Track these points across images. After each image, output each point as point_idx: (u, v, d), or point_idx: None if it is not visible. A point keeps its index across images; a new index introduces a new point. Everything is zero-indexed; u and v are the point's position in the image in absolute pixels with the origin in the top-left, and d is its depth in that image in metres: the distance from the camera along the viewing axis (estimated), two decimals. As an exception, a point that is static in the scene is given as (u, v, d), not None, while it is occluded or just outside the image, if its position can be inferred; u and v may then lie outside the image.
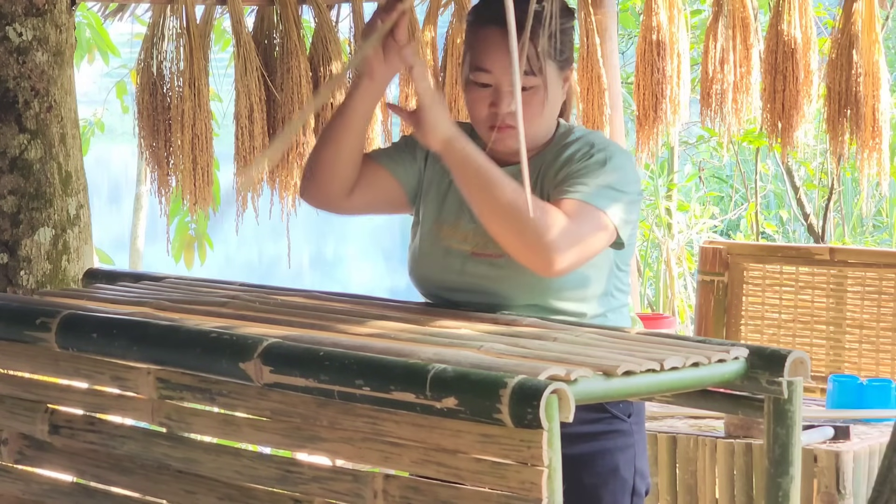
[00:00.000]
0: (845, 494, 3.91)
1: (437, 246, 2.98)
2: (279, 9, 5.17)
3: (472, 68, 2.92)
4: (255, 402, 2.37)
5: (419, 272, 3.03)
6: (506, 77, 2.87)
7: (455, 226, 2.98)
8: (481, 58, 2.90)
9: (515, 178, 2.90)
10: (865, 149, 5.08)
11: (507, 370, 2.15)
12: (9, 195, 4.01)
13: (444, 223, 3.00)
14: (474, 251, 2.94)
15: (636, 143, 5.37)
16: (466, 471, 2.13)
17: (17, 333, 2.67)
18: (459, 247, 2.96)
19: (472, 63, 2.92)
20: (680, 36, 5.31)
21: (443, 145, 2.79)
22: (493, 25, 2.88)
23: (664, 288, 8.19)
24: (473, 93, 2.93)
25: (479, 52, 2.90)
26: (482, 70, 2.90)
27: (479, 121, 2.93)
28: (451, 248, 2.97)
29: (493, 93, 2.89)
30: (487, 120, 2.91)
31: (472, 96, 2.93)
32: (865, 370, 4.75)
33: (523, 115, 2.86)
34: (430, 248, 3.00)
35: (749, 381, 2.48)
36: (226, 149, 5.27)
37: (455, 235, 2.98)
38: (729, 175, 10.69)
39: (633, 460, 2.96)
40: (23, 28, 4.00)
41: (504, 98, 2.88)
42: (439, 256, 2.98)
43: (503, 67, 2.87)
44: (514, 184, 2.76)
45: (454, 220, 2.98)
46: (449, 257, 2.96)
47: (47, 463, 2.71)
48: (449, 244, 2.98)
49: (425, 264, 3.01)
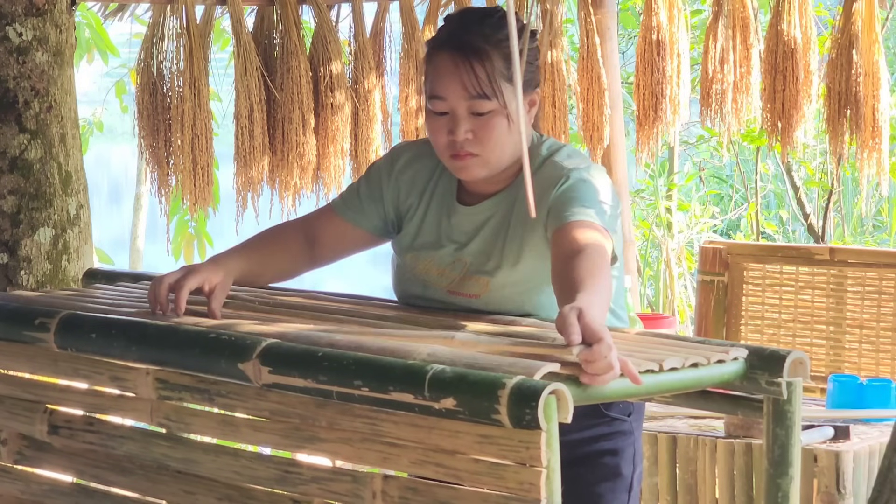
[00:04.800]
0: (845, 494, 3.91)
1: (416, 277, 2.96)
2: (279, 9, 5.17)
3: (428, 97, 2.87)
4: (254, 402, 2.37)
5: (402, 296, 3.02)
6: (460, 102, 2.82)
7: (432, 257, 2.95)
8: (435, 85, 2.85)
9: (492, 210, 2.89)
10: (865, 149, 5.08)
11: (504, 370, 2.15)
12: (9, 195, 4.01)
13: (422, 252, 2.96)
14: (450, 289, 2.92)
15: (636, 143, 5.37)
16: (465, 471, 2.13)
17: (16, 333, 2.67)
18: (436, 283, 2.93)
19: (428, 92, 2.87)
20: (680, 36, 5.31)
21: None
22: (444, 51, 2.84)
23: (664, 288, 8.19)
24: (432, 122, 2.86)
25: (434, 80, 2.85)
26: (437, 98, 2.84)
27: (441, 150, 2.87)
28: (428, 283, 2.94)
29: (449, 120, 2.84)
30: (448, 148, 2.85)
31: (431, 126, 2.87)
32: (865, 370, 4.75)
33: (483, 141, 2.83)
34: (410, 278, 2.98)
35: (748, 382, 2.48)
36: (226, 149, 5.27)
37: (432, 270, 2.95)
38: (729, 175, 10.70)
39: (633, 458, 2.96)
40: (23, 28, 4.00)
41: (460, 125, 2.82)
42: (419, 287, 2.96)
43: (456, 93, 2.82)
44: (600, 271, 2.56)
45: (431, 249, 2.95)
46: (428, 290, 2.94)
47: (46, 463, 2.71)
48: (426, 278, 2.95)
49: (406, 290, 3.00)
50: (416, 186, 2.99)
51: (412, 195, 2.99)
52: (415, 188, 2.99)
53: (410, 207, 2.99)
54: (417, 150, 3.04)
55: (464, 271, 2.90)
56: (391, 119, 5.48)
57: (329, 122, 5.23)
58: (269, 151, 5.16)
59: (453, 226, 2.94)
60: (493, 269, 2.87)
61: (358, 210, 3.03)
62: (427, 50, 2.92)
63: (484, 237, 2.90)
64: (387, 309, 2.87)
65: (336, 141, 5.25)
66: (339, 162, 5.28)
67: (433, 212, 2.97)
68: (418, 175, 3.00)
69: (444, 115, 2.84)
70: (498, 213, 2.90)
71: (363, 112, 5.30)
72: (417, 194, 2.99)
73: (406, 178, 3.00)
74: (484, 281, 2.88)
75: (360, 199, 3.03)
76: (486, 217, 2.91)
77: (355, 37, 5.32)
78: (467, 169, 2.86)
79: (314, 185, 5.26)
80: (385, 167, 3.03)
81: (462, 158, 2.84)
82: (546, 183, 2.83)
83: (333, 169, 5.27)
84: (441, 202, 2.97)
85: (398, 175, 3.01)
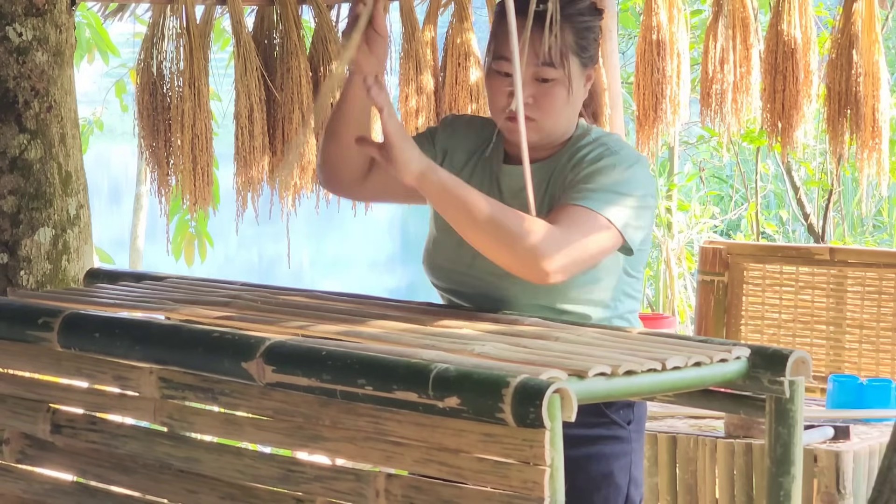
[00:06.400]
0: (845, 494, 3.91)
1: (451, 237, 2.95)
2: (279, 9, 5.17)
3: (494, 57, 2.92)
4: (258, 401, 2.37)
5: (431, 261, 3.03)
6: (528, 67, 2.86)
7: None
8: (504, 46, 2.87)
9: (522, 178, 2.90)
10: (865, 149, 5.08)
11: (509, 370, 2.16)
12: (9, 195, 4.01)
13: None
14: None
15: (636, 143, 5.37)
16: (468, 470, 2.13)
17: (19, 333, 2.67)
18: (468, 247, 2.95)
19: (494, 52, 2.93)
20: (680, 36, 5.31)
21: (417, 179, 2.73)
22: (519, 16, 2.84)
23: (664, 288, 8.19)
24: (494, 81, 2.92)
25: (503, 41, 2.88)
26: (504, 59, 2.89)
27: (498, 110, 2.93)
28: (462, 241, 2.96)
29: (512, 82, 2.85)
30: (506, 109, 2.89)
31: (492, 85, 2.93)
32: (865, 370, 4.75)
33: (543, 107, 2.88)
34: (443, 238, 3.00)
35: (751, 381, 2.48)
36: (225, 149, 5.27)
37: None
38: (729, 175, 10.70)
39: (629, 468, 2.94)
40: (23, 28, 4.00)
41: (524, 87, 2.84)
42: (452, 248, 2.97)
43: (526, 57, 2.85)
44: (491, 201, 2.74)
45: None
46: (461, 249, 2.93)
47: (49, 462, 2.71)
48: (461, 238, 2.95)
49: (438, 254, 3.01)
50: (466, 145, 3.03)
51: (460, 152, 3.02)
52: (465, 147, 3.02)
53: (458, 165, 3.01)
54: (472, 119, 3.12)
55: None
56: (392, 118, 5.47)
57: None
58: (269, 151, 5.16)
59: (495, 184, 2.97)
60: None
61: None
62: (500, 10, 2.93)
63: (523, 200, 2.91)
64: (388, 309, 2.87)
65: (336, 141, 5.24)
66: (340, 162, 5.27)
67: (478, 172, 3.00)
68: (469, 138, 3.04)
69: (507, 77, 2.88)
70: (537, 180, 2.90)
71: (363, 112, 5.30)
72: (466, 153, 3.01)
73: (459, 135, 3.04)
74: None
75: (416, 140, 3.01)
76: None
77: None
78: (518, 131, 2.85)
79: (314, 185, 5.26)
80: (441, 126, 3.09)
81: (516, 120, 2.84)
82: (584, 157, 2.88)
83: (334, 169, 5.26)
84: (487, 165, 3.00)
85: (452, 132, 3.05)
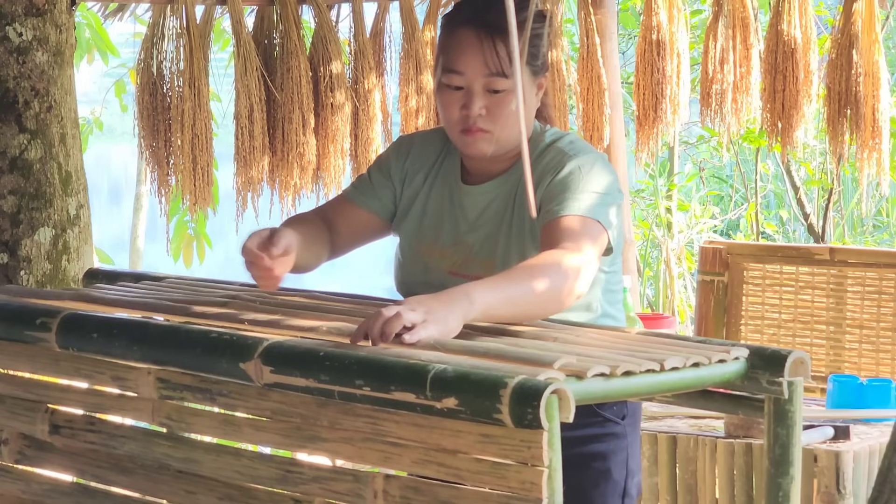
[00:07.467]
0: (845, 494, 3.91)
1: (417, 262, 2.99)
2: (279, 9, 5.17)
3: (444, 70, 2.90)
4: (256, 402, 2.37)
5: (402, 287, 3.04)
6: (477, 79, 2.86)
7: (433, 244, 2.98)
8: (454, 60, 2.87)
9: (495, 192, 2.90)
10: (865, 149, 5.08)
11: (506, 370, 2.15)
12: (9, 195, 4.01)
13: (423, 241, 3.00)
14: (451, 270, 2.93)
15: (636, 143, 5.38)
16: (467, 471, 2.13)
17: (18, 333, 2.67)
18: (438, 265, 2.96)
19: (444, 65, 2.90)
20: (680, 36, 5.31)
21: (473, 320, 2.55)
22: (466, 27, 2.86)
23: (664, 288, 8.19)
24: (445, 96, 2.90)
25: (452, 54, 2.88)
26: (454, 72, 2.88)
27: (452, 124, 2.91)
28: (429, 266, 2.97)
29: (464, 95, 2.87)
30: (459, 123, 2.88)
31: (444, 99, 2.91)
32: (865, 370, 4.75)
33: (496, 118, 2.87)
34: (410, 264, 3.01)
35: (749, 382, 2.48)
36: (225, 149, 5.27)
37: (433, 253, 2.98)
38: (729, 175, 10.70)
39: (626, 462, 2.95)
40: (23, 28, 4.00)
41: (475, 100, 2.85)
42: (420, 273, 2.99)
43: (475, 69, 2.85)
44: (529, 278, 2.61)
45: (433, 238, 2.99)
46: (429, 274, 2.96)
47: (48, 463, 2.71)
48: (427, 261, 2.98)
49: (407, 279, 3.02)
50: (422, 167, 3.03)
51: (418, 175, 3.02)
52: (421, 169, 3.03)
53: (416, 188, 3.02)
54: (423, 136, 3.10)
55: (467, 253, 2.91)
56: (391, 119, 5.48)
57: (329, 122, 5.24)
58: (269, 151, 5.16)
59: (457, 206, 2.97)
60: (496, 251, 2.89)
61: (371, 195, 3.05)
62: (446, 23, 2.94)
63: (488, 218, 2.92)
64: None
65: (336, 141, 5.25)
66: (339, 162, 5.28)
67: (437, 192, 3.00)
68: (425, 157, 3.04)
69: (458, 90, 2.88)
70: (501, 193, 2.93)
71: (363, 112, 5.31)
72: (423, 174, 3.02)
73: (413, 159, 3.04)
74: (488, 263, 2.88)
75: (372, 185, 3.06)
76: (491, 198, 2.94)
77: (355, 37, 5.33)
78: (476, 144, 2.89)
79: (314, 185, 5.26)
80: (393, 152, 3.08)
81: (472, 133, 2.87)
82: (546, 168, 2.87)
83: (333, 169, 5.27)
84: (445, 182, 3.00)
85: (406, 158, 3.05)
